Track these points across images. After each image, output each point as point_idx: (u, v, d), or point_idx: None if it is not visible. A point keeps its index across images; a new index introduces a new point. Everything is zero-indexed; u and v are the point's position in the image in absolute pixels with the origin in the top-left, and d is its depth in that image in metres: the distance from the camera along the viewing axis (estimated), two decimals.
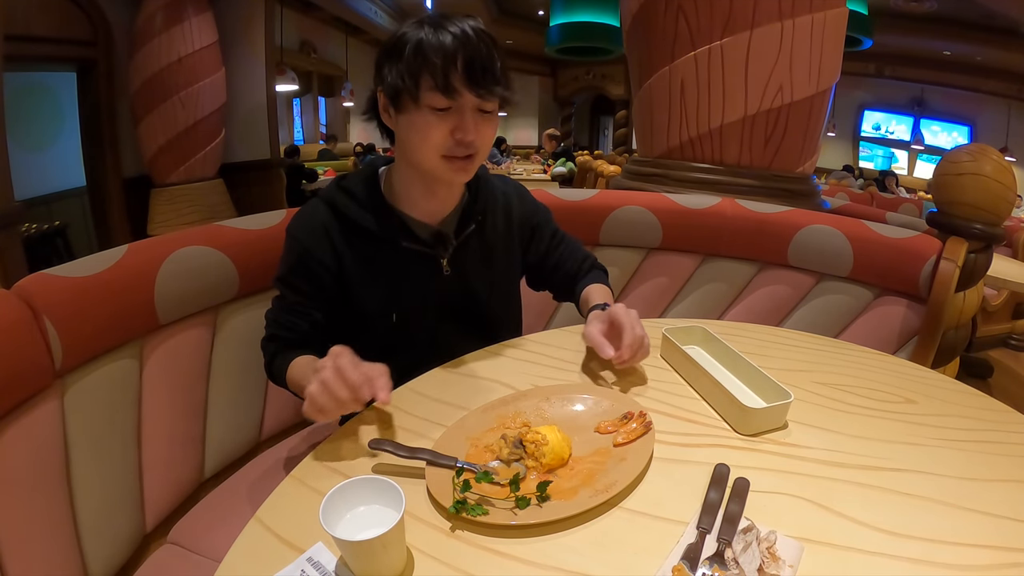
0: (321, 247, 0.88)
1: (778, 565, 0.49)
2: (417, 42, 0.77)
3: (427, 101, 0.78)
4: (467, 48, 0.77)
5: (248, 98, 5.08)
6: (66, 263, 0.85)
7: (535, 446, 0.63)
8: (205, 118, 4.47)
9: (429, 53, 0.76)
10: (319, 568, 0.49)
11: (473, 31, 0.79)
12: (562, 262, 1.09)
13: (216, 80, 4.53)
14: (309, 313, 0.89)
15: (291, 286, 0.89)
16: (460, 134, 0.80)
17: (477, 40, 0.78)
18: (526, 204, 1.07)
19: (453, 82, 0.77)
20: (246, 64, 5.01)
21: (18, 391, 0.72)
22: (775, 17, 1.85)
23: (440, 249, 0.92)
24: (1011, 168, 1.34)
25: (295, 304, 0.89)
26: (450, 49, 0.76)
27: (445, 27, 0.78)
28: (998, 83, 8.63)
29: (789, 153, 2.03)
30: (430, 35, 0.77)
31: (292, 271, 0.88)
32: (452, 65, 0.76)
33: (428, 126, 0.80)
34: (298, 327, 0.89)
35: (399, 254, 0.90)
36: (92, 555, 0.80)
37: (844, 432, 0.71)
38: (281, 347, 0.89)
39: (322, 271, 0.88)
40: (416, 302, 0.93)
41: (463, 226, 0.95)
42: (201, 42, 4.35)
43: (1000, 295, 3.06)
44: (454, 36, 0.77)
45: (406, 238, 0.90)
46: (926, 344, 1.29)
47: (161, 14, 4.13)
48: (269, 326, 0.92)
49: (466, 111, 0.80)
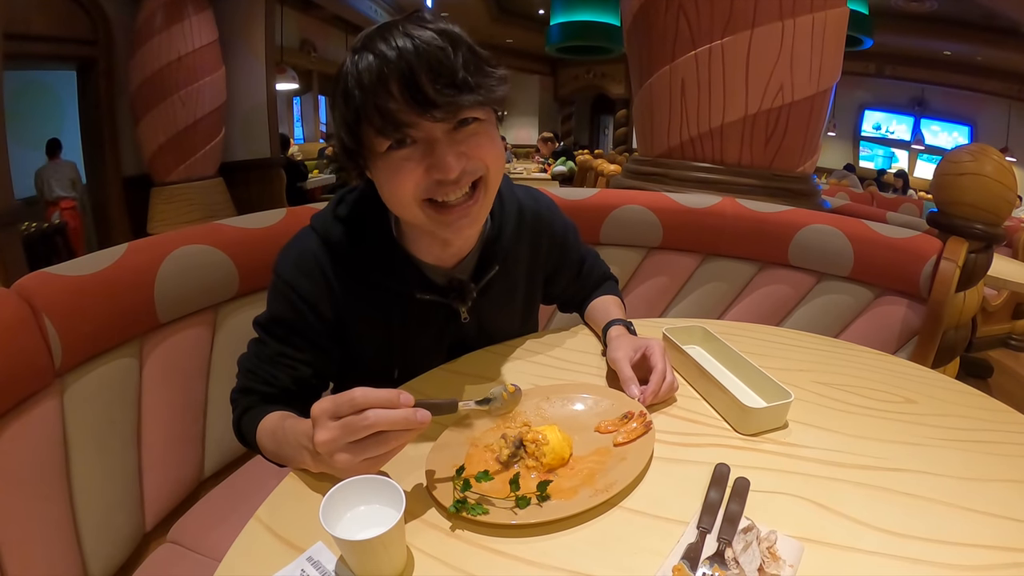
0: (317, 291, 0.74)
1: (778, 565, 0.49)
2: (344, 86, 0.62)
3: (380, 145, 0.63)
4: (393, 64, 0.59)
5: (248, 97, 5.08)
6: (66, 262, 0.85)
7: (535, 446, 0.63)
8: (205, 117, 4.48)
9: (353, 90, 0.61)
10: (319, 568, 0.49)
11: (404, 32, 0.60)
12: (582, 286, 1.03)
13: (216, 79, 4.54)
14: (294, 367, 0.74)
15: (276, 335, 0.74)
16: (437, 172, 0.63)
17: (410, 43, 0.59)
18: (555, 227, 0.93)
19: (395, 116, 0.60)
20: (246, 63, 5.01)
21: (18, 390, 0.72)
22: (776, 17, 1.85)
23: (457, 299, 0.80)
24: (1012, 168, 1.34)
25: (277, 356, 0.74)
26: (375, 73, 0.59)
27: (372, 46, 0.61)
28: (998, 83, 8.63)
29: (789, 153, 2.03)
30: (352, 69, 0.61)
31: (278, 318, 0.74)
32: (383, 91, 0.59)
33: (397, 173, 0.64)
34: (278, 382, 0.74)
35: (411, 305, 0.77)
36: (92, 554, 0.80)
37: (844, 432, 0.71)
38: (256, 402, 0.74)
39: (315, 319, 0.74)
40: (426, 356, 0.83)
41: (484, 267, 0.81)
42: (201, 41, 4.36)
43: (1000, 295, 3.06)
44: (375, 54, 0.59)
45: (420, 288, 0.77)
46: (926, 344, 1.29)
47: (161, 12, 4.14)
48: (242, 376, 0.76)
49: (433, 140, 0.62)
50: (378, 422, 0.52)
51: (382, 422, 0.52)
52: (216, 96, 4.55)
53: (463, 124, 0.64)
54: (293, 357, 0.75)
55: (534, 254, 0.91)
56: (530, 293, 0.95)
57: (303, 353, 0.75)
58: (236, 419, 0.75)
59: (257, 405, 0.73)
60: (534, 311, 1.02)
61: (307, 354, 0.75)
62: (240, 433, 0.75)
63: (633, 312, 1.08)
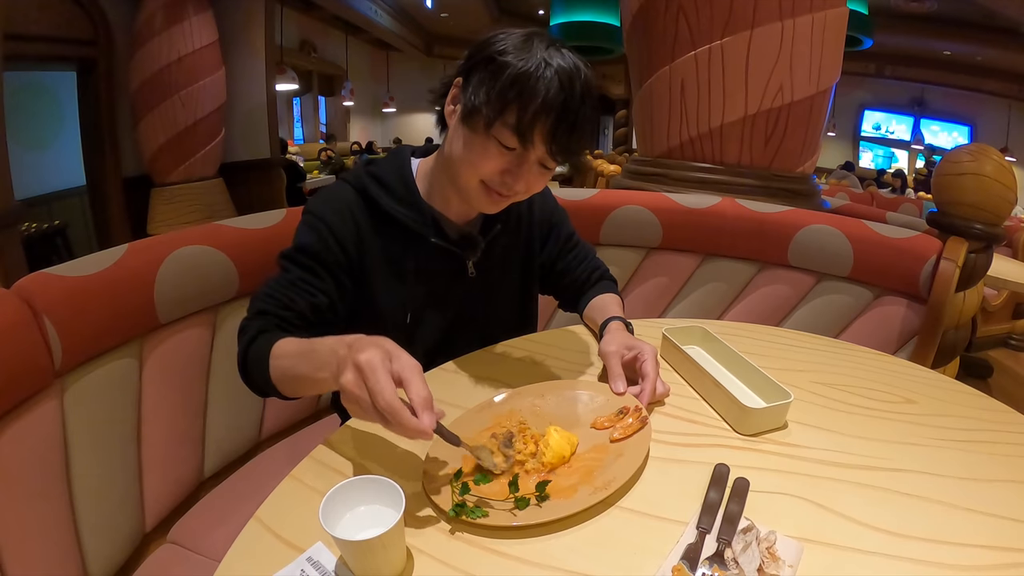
0: (345, 228, 0.81)
1: (778, 565, 0.49)
2: (519, 74, 0.69)
3: (498, 134, 0.71)
4: (566, 105, 0.69)
5: (248, 97, 5.08)
6: (66, 263, 0.85)
7: (534, 444, 0.63)
8: (205, 117, 4.47)
9: (525, 93, 0.69)
10: (319, 568, 0.49)
11: (581, 84, 0.71)
12: (571, 268, 1.05)
13: (216, 79, 4.53)
14: (313, 293, 0.78)
15: (300, 263, 0.79)
16: (511, 179, 0.74)
17: (580, 97, 0.71)
18: (547, 201, 1.04)
19: (534, 133, 0.70)
20: (246, 63, 5.01)
21: (18, 391, 0.72)
22: (775, 17, 1.85)
23: (468, 251, 0.89)
24: (1011, 168, 1.34)
25: (299, 280, 0.78)
26: (548, 99, 0.68)
27: (553, 64, 0.69)
28: (998, 83, 8.64)
29: (789, 153, 2.03)
30: (536, 70, 0.69)
31: (306, 247, 0.79)
32: (541, 115, 0.69)
33: (484, 154, 0.73)
34: (296, 305, 0.76)
35: (426, 250, 0.85)
36: (92, 554, 0.80)
37: (844, 432, 0.71)
38: (270, 325, 0.74)
39: (340, 253, 0.81)
40: (435, 302, 0.89)
41: (489, 226, 0.91)
42: (201, 41, 4.35)
43: (1000, 295, 3.06)
44: (560, 84, 0.69)
45: (437, 235, 0.85)
46: (926, 344, 1.29)
47: (161, 13, 4.13)
48: (259, 300, 0.77)
49: (528, 161, 0.74)
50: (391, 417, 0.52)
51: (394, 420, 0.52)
52: (216, 97, 4.55)
53: (546, 165, 0.76)
54: (313, 284, 0.79)
55: (529, 219, 0.99)
56: (528, 262, 1.01)
57: (323, 282, 0.79)
58: (248, 341, 0.73)
59: (271, 329, 0.73)
60: (534, 289, 1.05)
61: (327, 283, 0.80)
62: (245, 362, 0.73)
63: (633, 312, 1.08)
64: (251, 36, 5.02)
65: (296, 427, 1.24)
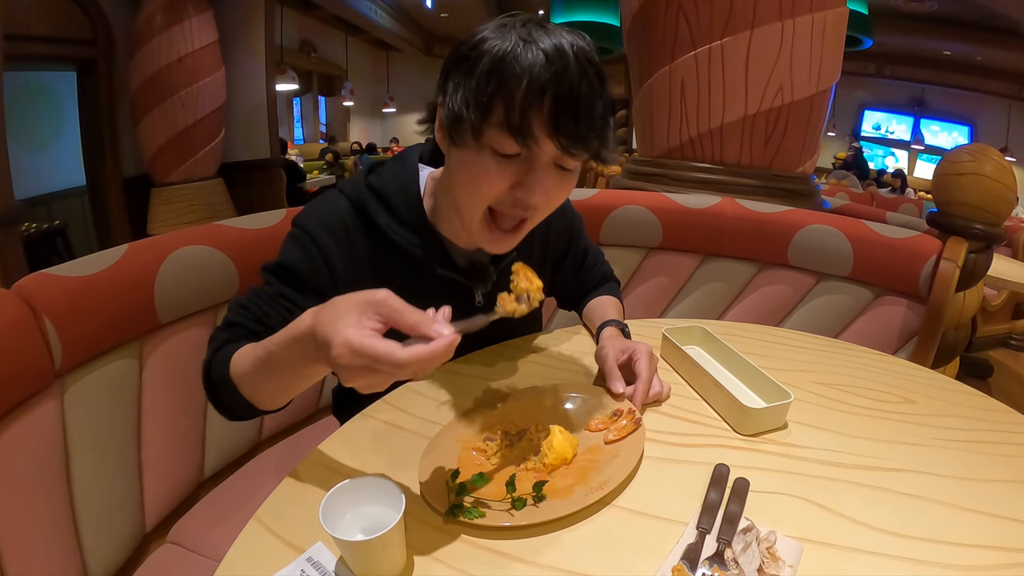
0: (336, 250, 0.73)
1: (778, 565, 0.49)
2: (496, 57, 0.57)
3: (491, 141, 0.59)
4: (559, 81, 0.56)
5: (248, 97, 5.08)
6: (66, 263, 0.85)
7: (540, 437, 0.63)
8: (205, 117, 4.47)
9: (508, 78, 0.56)
10: (319, 568, 0.49)
11: (575, 53, 0.58)
12: (582, 281, 1.03)
13: (216, 79, 4.53)
14: (291, 310, 0.70)
15: (281, 278, 0.72)
16: (523, 192, 0.61)
17: (579, 69, 0.57)
18: (565, 216, 0.95)
19: (531, 125, 0.57)
20: (246, 63, 5.01)
21: (18, 391, 0.72)
22: (775, 17, 1.85)
23: (476, 281, 0.80)
24: (1011, 168, 1.34)
25: (278, 296, 0.71)
26: (535, 77, 0.56)
27: (537, 39, 0.57)
28: (998, 83, 8.63)
29: (789, 153, 2.03)
30: (514, 49, 0.57)
31: (290, 265, 0.72)
32: (536, 101, 0.56)
33: (483, 172, 0.61)
34: (269, 320, 0.69)
35: (429, 281, 0.76)
36: (92, 554, 0.80)
37: (844, 432, 0.71)
38: (239, 336, 0.67)
39: (327, 277, 0.73)
40: None
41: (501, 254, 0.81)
42: (201, 41, 4.35)
43: (1000, 295, 3.06)
44: (547, 58, 0.56)
45: (443, 265, 0.77)
46: (926, 344, 1.29)
47: (161, 13, 4.13)
48: (232, 312, 0.71)
49: (539, 164, 0.61)
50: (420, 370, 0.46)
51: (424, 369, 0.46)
52: (216, 97, 4.55)
53: (563, 167, 0.63)
54: (293, 300, 0.71)
55: (544, 239, 0.91)
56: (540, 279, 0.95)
57: (306, 300, 0.70)
58: (212, 352, 0.66)
59: (239, 340, 0.66)
60: (539, 313, 1.02)
61: (309, 302, 0.70)
62: (209, 374, 0.66)
63: (633, 312, 1.08)
64: (251, 36, 5.02)
65: (296, 427, 1.24)
